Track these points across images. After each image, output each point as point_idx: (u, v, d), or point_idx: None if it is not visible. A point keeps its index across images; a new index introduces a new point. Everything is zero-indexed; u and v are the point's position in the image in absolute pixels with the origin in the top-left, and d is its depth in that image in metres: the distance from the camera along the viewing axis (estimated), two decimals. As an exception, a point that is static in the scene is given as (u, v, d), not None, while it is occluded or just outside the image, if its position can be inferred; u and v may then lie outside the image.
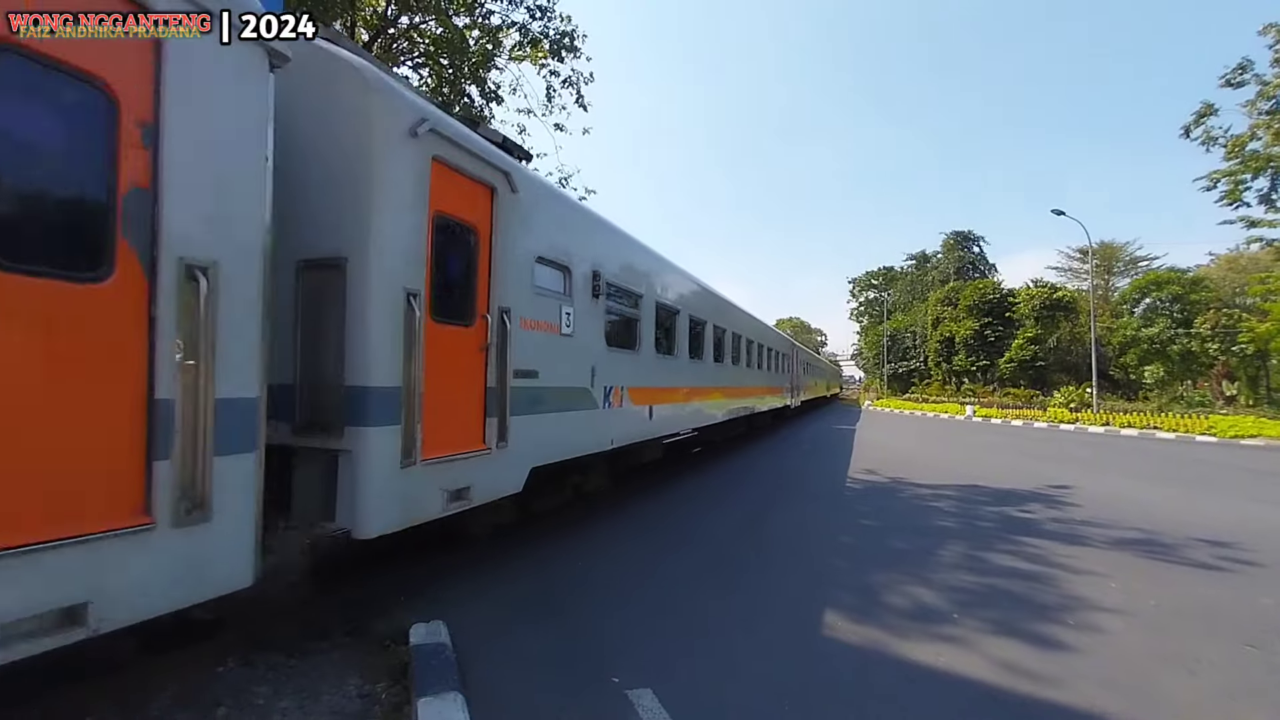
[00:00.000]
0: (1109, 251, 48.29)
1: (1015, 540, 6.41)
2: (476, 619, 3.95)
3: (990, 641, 3.86)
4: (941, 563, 5.58)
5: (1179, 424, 22.93)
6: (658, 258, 8.48)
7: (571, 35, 13.81)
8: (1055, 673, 3.45)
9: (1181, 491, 9.90)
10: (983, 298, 49.02)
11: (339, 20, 11.87)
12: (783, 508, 8.04)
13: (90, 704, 2.75)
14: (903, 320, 63.59)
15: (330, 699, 2.94)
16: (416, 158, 3.77)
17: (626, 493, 8.28)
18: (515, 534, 5.80)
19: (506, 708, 2.97)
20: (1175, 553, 6.05)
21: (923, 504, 8.45)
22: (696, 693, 3.17)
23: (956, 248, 64.68)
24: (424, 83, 13.71)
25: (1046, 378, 43.21)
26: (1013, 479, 10.84)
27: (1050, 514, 7.85)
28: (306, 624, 3.69)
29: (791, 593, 4.73)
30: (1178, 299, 39.34)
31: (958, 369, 50.25)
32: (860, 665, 3.53)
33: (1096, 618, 4.30)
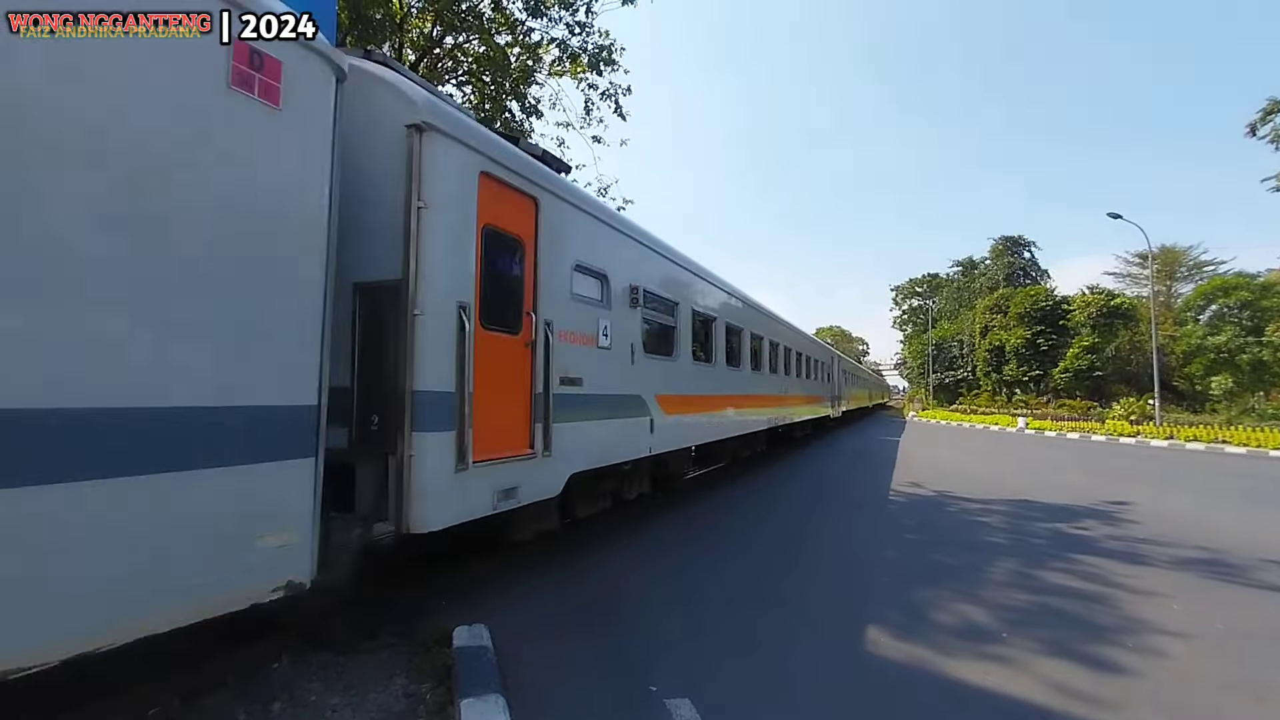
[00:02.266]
0: (1171, 256, 45.99)
1: (1069, 558, 6.16)
2: (518, 624, 4.02)
3: (1042, 662, 3.73)
4: (990, 580, 5.40)
5: (1250, 438, 21.58)
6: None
7: (610, 49, 14.00)
8: (1112, 696, 3.30)
9: (1252, 510, 9.33)
10: (1035, 305, 47.26)
11: (387, 42, 12.35)
12: (825, 519, 7.92)
13: (155, 697, 2.90)
14: (949, 329, 61.81)
15: (378, 697, 3.04)
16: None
17: (668, 503, 8.28)
18: (556, 544, 5.88)
19: (546, 710, 3.02)
20: (1244, 574, 5.71)
21: (971, 519, 8.20)
22: (734, 705, 3.16)
23: (1006, 253, 62.62)
24: (467, 100, 14.12)
25: (1104, 388, 41.30)
26: (1068, 495, 10.39)
27: (1108, 531, 7.50)
28: (355, 624, 3.82)
29: (834, 607, 4.66)
30: (1247, 305, 37.13)
31: (1008, 379, 48.51)
32: (906, 684, 3.45)
33: (1157, 640, 4.09)
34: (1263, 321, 35.98)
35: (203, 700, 2.94)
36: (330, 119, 3.11)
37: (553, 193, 4.89)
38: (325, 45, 3.09)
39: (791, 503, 8.98)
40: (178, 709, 2.86)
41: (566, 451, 4.96)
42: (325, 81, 3.10)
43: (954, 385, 57.88)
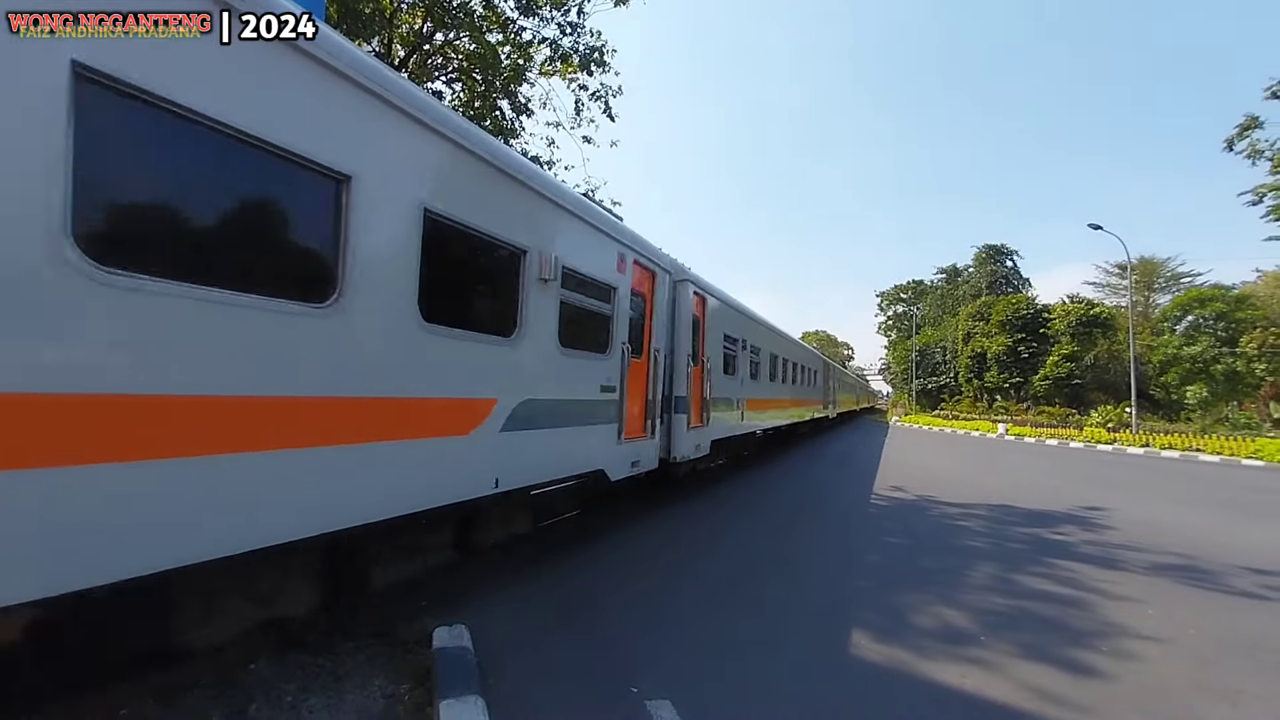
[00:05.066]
0: (1149, 267, 46.90)
1: (1047, 563, 6.24)
2: (499, 625, 3.99)
3: (1019, 665, 3.77)
4: (970, 584, 5.45)
5: (1223, 446, 22.09)
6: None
7: (601, 50, 14.01)
8: (1087, 700, 3.35)
9: (1225, 516, 9.53)
10: (1016, 313, 47.98)
11: (376, 38, 12.25)
12: (808, 524, 7.95)
13: (127, 699, 2.84)
14: (932, 335, 62.54)
15: (355, 698, 3.00)
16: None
17: (655, 504, 8.28)
18: (535, 548, 5.84)
19: (525, 711, 3.00)
20: (1217, 580, 5.82)
21: (951, 523, 8.28)
22: (715, 706, 3.15)
23: (989, 261, 63.54)
24: (457, 97, 14.04)
25: (1083, 396, 42.02)
26: (1046, 500, 10.56)
27: (1085, 537, 7.62)
28: (334, 626, 3.77)
29: (816, 610, 4.67)
30: (1222, 317, 37.98)
31: (989, 385, 49.18)
32: (885, 686, 3.47)
33: (1132, 645, 4.16)
34: (1237, 333, 36.82)
35: (177, 700, 2.88)
36: (666, 290, 7.68)
37: (664, 269, 7.85)
38: (670, 264, 7.91)
39: (778, 506, 9.01)
40: (151, 709, 2.80)
41: (713, 427, 9.41)
42: (663, 279, 7.59)
43: (936, 391, 58.55)
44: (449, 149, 3.86)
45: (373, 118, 3.29)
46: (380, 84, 3.29)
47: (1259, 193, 27.06)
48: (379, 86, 3.27)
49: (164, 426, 2.36)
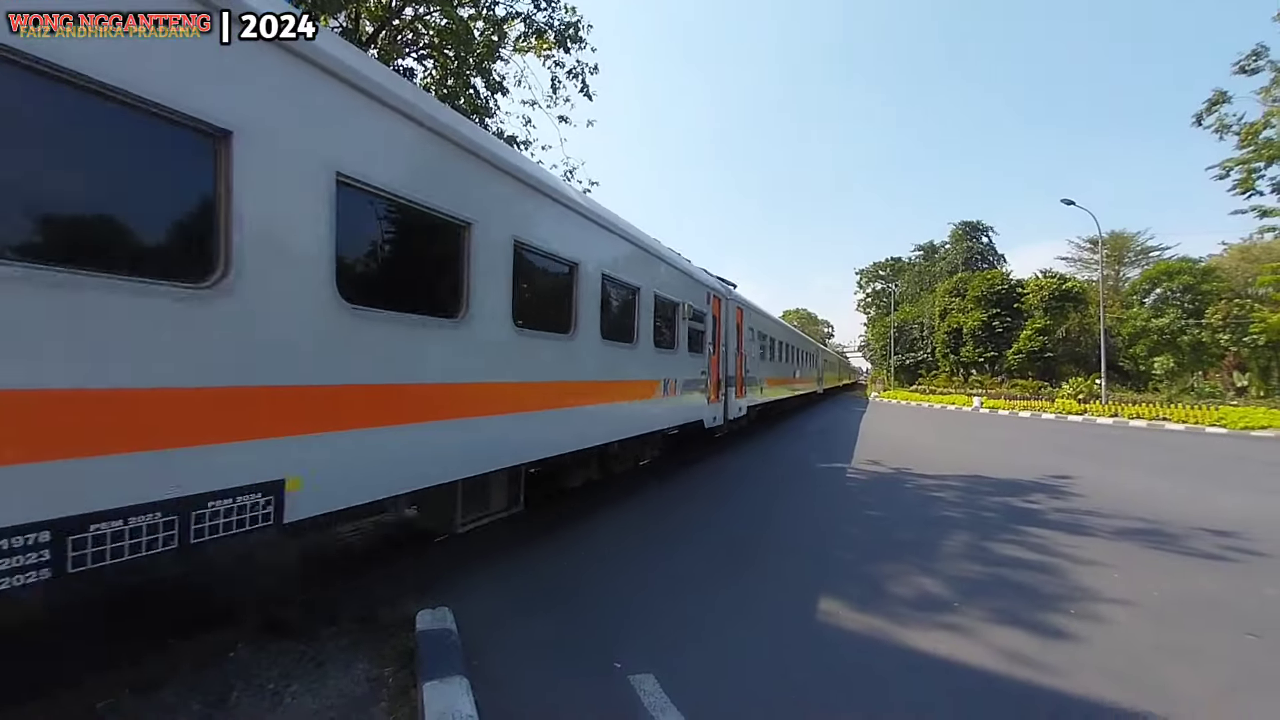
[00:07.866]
0: (1119, 242, 47.81)
1: (1019, 530, 6.42)
2: (483, 607, 4.01)
3: (992, 630, 3.89)
4: (945, 553, 5.60)
5: (1188, 415, 22.75)
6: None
7: (576, 26, 13.71)
8: (1056, 662, 3.47)
9: (1188, 482, 9.87)
10: (991, 288, 48.69)
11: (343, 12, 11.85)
12: (788, 497, 8.07)
13: (105, 690, 2.81)
14: (910, 311, 63.27)
15: (338, 682, 3.00)
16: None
17: (640, 480, 8.33)
18: (520, 528, 5.85)
19: (510, 691, 3.03)
20: (1180, 543, 6.04)
21: (927, 495, 8.47)
22: (698, 678, 3.21)
23: (965, 238, 64.20)
24: (429, 74, 13.68)
25: (1055, 369, 42.95)
26: (1018, 470, 10.84)
27: (1055, 504, 7.84)
28: (315, 611, 3.75)
29: (796, 581, 4.76)
30: (1189, 289, 38.94)
31: (965, 360, 50.02)
32: (862, 653, 3.56)
33: (1099, 608, 4.31)
34: (1203, 305, 37.80)
35: (156, 690, 2.86)
36: (725, 307, 11.32)
37: (723, 293, 11.46)
38: (724, 290, 11.54)
39: (760, 478, 9.13)
40: (128, 699, 2.77)
41: (748, 398, 13.23)
42: (725, 302, 11.37)
43: (914, 366, 59.40)
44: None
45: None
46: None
47: (1225, 166, 27.56)
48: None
49: (432, 402, 3.88)
